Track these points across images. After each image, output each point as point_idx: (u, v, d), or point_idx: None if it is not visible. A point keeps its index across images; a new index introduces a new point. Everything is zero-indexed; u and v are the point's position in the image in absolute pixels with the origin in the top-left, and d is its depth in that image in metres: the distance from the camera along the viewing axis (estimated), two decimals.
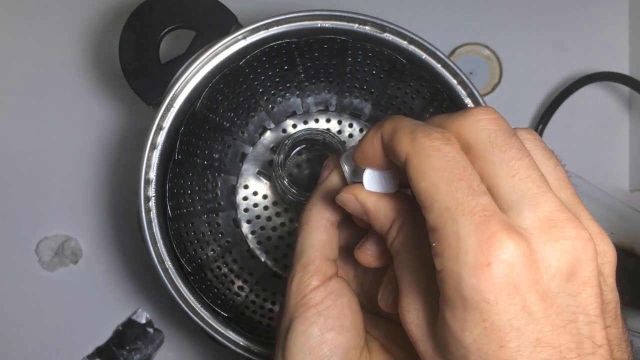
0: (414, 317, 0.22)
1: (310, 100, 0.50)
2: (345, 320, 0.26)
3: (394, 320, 0.28)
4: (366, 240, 0.26)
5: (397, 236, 0.23)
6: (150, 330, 0.52)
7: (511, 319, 0.19)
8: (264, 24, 0.41)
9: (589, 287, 0.19)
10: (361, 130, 0.50)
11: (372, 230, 0.25)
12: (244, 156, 0.50)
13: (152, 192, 0.40)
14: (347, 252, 0.29)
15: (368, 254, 0.26)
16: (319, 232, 0.27)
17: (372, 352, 0.27)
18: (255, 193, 0.50)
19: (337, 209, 0.27)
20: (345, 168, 0.27)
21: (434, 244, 0.20)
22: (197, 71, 0.41)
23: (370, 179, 0.25)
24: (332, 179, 0.28)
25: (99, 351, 0.52)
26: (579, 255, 0.19)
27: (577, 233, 0.19)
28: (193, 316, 0.39)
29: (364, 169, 0.25)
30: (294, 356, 0.25)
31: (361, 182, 0.25)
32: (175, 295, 0.39)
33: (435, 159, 0.20)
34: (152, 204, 0.40)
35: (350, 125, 0.50)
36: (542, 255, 0.19)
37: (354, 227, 0.28)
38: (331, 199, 0.27)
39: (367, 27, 0.42)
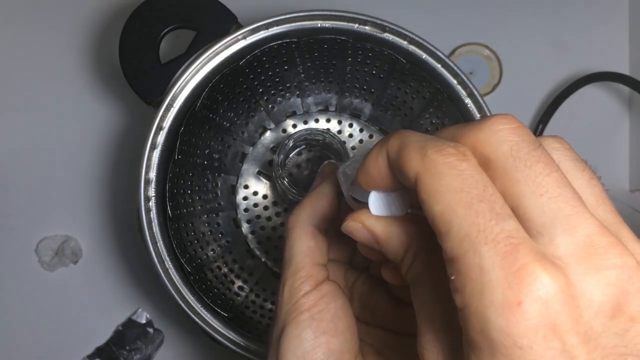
0: (433, 356, 0.20)
1: (310, 100, 0.50)
2: (339, 323, 0.25)
3: (389, 329, 0.28)
4: None
5: (413, 265, 0.21)
6: (150, 330, 0.52)
7: None
8: (264, 24, 0.41)
9: (638, 324, 0.17)
10: (361, 130, 0.50)
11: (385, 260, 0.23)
12: (244, 156, 0.50)
13: (152, 192, 0.40)
14: (337, 265, 0.29)
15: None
16: (307, 238, 0.27)
17: (367, 357, 0.26)
18: (255, 193, 0.50)
19: (326, 216, 0.27)
20: (342, 181, 0.26)
21: (452, 277, 0.17)
22: (197, 71, 0.41)
23: (377, 203, 0.22)
24: (324, 187, 0.28)
25: (99, 351, 0.52)
26: (625, 287, 0.17)
27: (622, 261, 0.17)
28: (193, 316, 0.39)
29: (369, 192, 0.22)
30: None
31: (363, 202, 0.23)
32: (175, 295, 0.39)
33: (450, 178, 0.18)
34: (152, 204, 0.40)
35: (350, 125, 0.50)
36: (581, 289, 0.16)
37: (344, 241, 0.27)
38: (320, 207, 0.27)
39: (367, 27, 0.41)
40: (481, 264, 0.16)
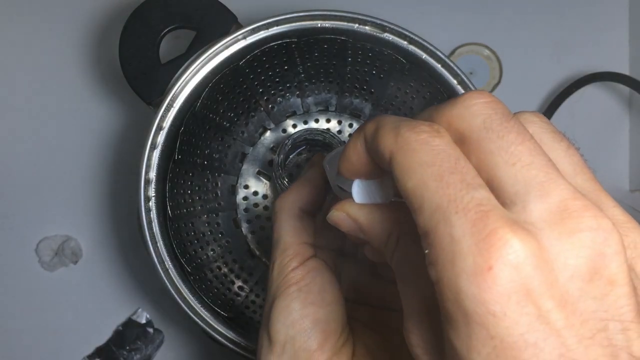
0: (419, 339, 0.19)
1: (310, 100, 0.50)
2: (326, 295, 0.26)
3: (375, 306, 0.29)
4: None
5: (396, 250, 0.21)
6: (150, 330, 0.52)
7: (525, 332, 0.15)
8: (264, 24, 0.41)
9: (618, 287, 0.16)
10: None
11: (373, 249, 0.24)
12: (244, 156, 0.50)
13: (152, 192, 0.40)
14: (327, 252, 0.30)
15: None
16: (293, 220, 0.28)
17: (355, 330, 0.28)
18: (255, 193, 0.50)
19: (311, 201, 0.28)
20: (328, 170, 0.26)
21: (426, 251, 0.17)
22: (197, 71, 0.41)
23: (360, 191, 0.22)
24: (310, 174, 0.29)
25: (99, 351, 0.52)
26: (601, 249, 0.16)
27: (597, 223, 0.16)
28: (193, 316, 0.39)
29: (352, 180, 0.22)
30: (277, 331, 0.26)
31: (347, 191, 0.23)
32: (175, 295, 0.39)
33: (423, 154, 0.17)
34: (152, 204, 0.40)
35: (350, 125, 0.50)
36: (555, 252, 0.16)
37: (332, 229, 0.28)
38: (306, 192, 0.28)
39: (367, 27, 0.41)
40: (452, 232, 0.16)
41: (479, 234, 0.16)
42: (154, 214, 0.40)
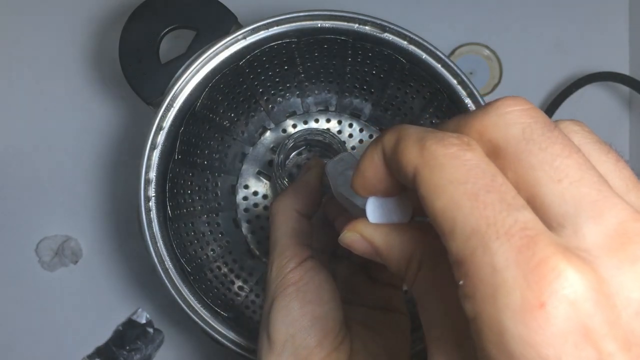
0: None
1: (310, 100, 0.50)
2: (324, 293, 0.27)
3: (369, 306, 0.30)
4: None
5: (418, 277, 0.19)
6: (150, 330, 0.52)
7: None
8: (264, 24, 0.41)
9: None
10: (361, 130, 0.50)
11: (390, 272, 0.21)
12: (244, 156, 0.50)
13: (152, 192, 0.40)
14: (321, 254, 0.30)
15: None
16: (291, 222, 0.28)
17: (352, 328, 0.28)
18: (255, 193, 0.50)
19: (308, 203, 0.29)
20: (331, 177, 0.25)
21: (460, 282, 0.15)
22: (197, 71, 0.41)
23: (375, 209, 0.19)
24: (307, 177, 0.29)
25: (99, 351, 0.52)
26: None
27: None
28: (193, 316, 0.39)
29: (366, 198, 0.20)
30: (277, 330, 0.26)
31: (353, 201, 0.21)
32: (175, 295, 0.39)
33: (453, 169, 0.15)
34: (152, 204, 0.40)
35: (350, 125, 0.50)
36: (616, 285, 0.14)
37: (326, 232, 0.29)
38: (303, 194, 0.29)
39: (367, 27, 0.41)
40: (493, 262, 0.14)
41: (527, 263, 0.13)
42: (154, 214, 0.40)
